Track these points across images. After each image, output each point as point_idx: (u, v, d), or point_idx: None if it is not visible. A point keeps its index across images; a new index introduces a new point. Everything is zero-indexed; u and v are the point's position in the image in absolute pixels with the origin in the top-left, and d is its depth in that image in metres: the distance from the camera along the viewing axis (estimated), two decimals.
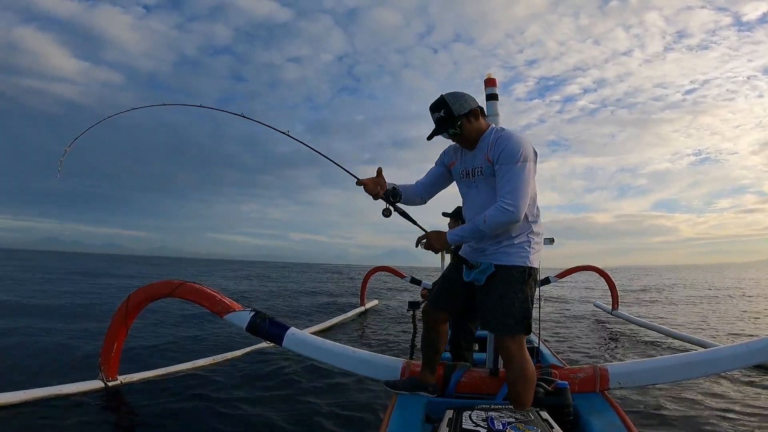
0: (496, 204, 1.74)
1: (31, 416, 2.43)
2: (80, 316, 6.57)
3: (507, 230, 1.83)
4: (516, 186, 1.72)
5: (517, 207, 1.71)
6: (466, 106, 1.86)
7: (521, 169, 1.74)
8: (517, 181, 1.73)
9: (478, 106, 1.90)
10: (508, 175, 1.75)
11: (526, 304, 1.84)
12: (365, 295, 8.75)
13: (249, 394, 3.02)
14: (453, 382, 2.25)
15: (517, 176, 1.73)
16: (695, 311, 9.48)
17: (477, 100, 1.92)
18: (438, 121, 1.88)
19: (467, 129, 1.87)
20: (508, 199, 1.71)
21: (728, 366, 2.33)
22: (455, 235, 1.84)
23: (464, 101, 1.87)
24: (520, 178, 1.73)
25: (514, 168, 1.74)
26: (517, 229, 1.85)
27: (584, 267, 8.55)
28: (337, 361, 2.54)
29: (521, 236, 1.85)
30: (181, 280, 2.85)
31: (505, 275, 1.83)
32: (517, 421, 1.47)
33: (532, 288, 1.87)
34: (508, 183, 1.74)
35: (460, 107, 1.85)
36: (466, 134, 1.88)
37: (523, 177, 1.74)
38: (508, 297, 1.82)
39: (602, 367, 2.25)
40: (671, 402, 3.03)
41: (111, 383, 2.86)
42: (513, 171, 1.74)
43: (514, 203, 1.70)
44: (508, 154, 1.75)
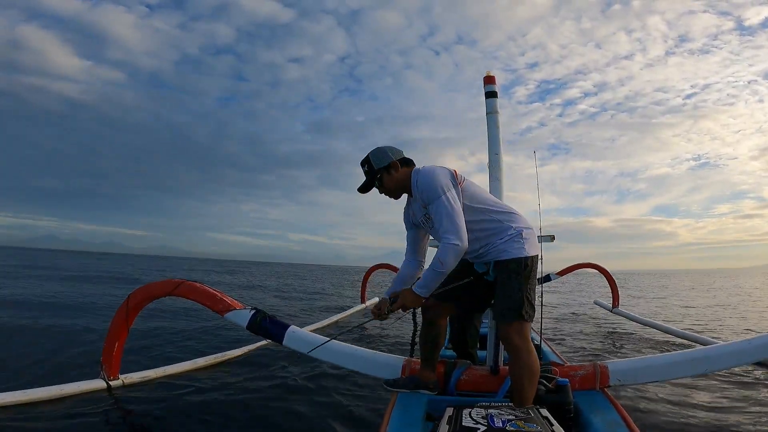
0: (440, 244, 1.88)
1: (33, 416, 2.43)
2: (80, 315, 6.58)
3: (491, 238, 1.95)
4: (445, 220, 1.85)
5: (458, 237, 1.84)
6: (386, 159, 2.00)
7: (442, 202, 1.87)
8: (444, 216, 1.86)
9: (401, 158, 2.03)
10: (436, 214, 1.89)
11: (521, 292, 1.90)
12: (366, 293, 8.76)
13: (250, 392, 3.02)
14: (453, 380, 2.25)
15: (442, 211, 1.86)
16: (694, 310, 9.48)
17: (401, 152, 2.06)
18: (365, 174, 2.05)
19: (386, 180, 2.02)
20: (447, 235, 1.84)
21: (729, 363, 2.32)
22: (422, 287, 1.94)
23: (384, 155, 2.02)
24: (446, 211, 1.86)
25: (437, 204, 1.88)
26: (500, 233, 1.95)
27: (585, 264, 8.55)
28: (337, 359, 2.54)
29: (507, 234, 1.95)
30: (181, 279, 2.85)
31: (504, 268, 1.95)
32: (517, 419, 1.47)
33: (528, 277, 1.94)
34: (439, 220, 1.88)
35: (380, 161, 2.01)
36: (387, 186, 2.03)
37: (447, 209, 1.86)
38: (506, 287, 1.93)
39: (602, 365, 2.25)
40: (671, 399, 3.03)
41: (112, 382, 2.87)
42: (438, 207, 1.88)
43: (452, 236, 1.83)
44: (428, 194, 1.91)
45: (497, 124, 2.67)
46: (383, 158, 2.01)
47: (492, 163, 2.60)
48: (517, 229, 1.95)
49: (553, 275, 7.92)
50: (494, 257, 1.98)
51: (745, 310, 9.92)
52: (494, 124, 2.67)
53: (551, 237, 4.85)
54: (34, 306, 7.33)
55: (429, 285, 1.93)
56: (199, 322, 6.02)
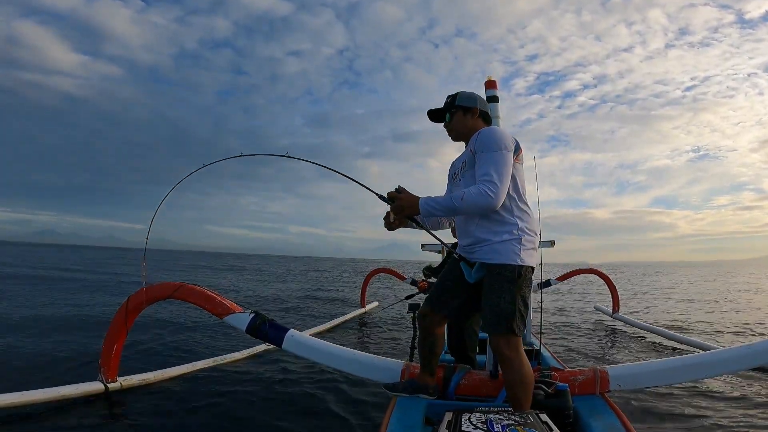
0: (476, 185, 1.74)
1: (31, 418, 2.43)
2: (80, 316, 6.57)
3: (492, 227, 1.81)
4: (495, 170, 1.72)
5: (497, 190, 1.70)
6: (470, 102, 1.96)
7: (500, 155, 1.75)
8: (496, 166, 1.73)
9: (484, 110, 1.98)
10: (487, 161, 1.75)
11: (512, 304, 1.76)
12: (365, 297, 8.75)
13: (248, 396, 3.02)
14: (453, 385, 2.24)
15: (496, 161, 1.74)
16: (694, 313, 9.46)
17: (487, 105, 2.00)
18: (444, 104, 2.00)
19: (456, 120, 1.97)
20: (487, 182, 1.71)
21: (729, 368, 2.32)
22: (429, 203, 1.77)
23: (471, 98, 1.97)
24: (500, 163, 1.73)
25: (492, 154, 1.75)
26: (503, 226, 1.81)
27: (585, 270, 8.55)
28: (336, 363, 2.53)
29: (509, 233, 1.80)
30: (180, 282, 2.85)
31: (494, 273, 1.80)
32: (517, 424, 1.46)
33: (522, 288, 1.79)
34: (487, 166, 1.74)
35: (464, 101, 1.96)
36: (454, 125, 1.98)
37: (502, 162, 1.74)
38: (495, 295, 1.78)
39: (602, 370, 2.24)
40: (671, 404, 3.02)
41: (111, 385, 2.86)
42: (492, 157, 1.75)
43: (492, 186, 1.70)
44: (487, 142, 1.79)
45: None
46: (469, 101, 1.95)
47: None
48: (518, 233, 1.80)
49: (552, 280, 7.92)
50: (484, 257, 1.83)
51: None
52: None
53: (551, 242, 4.86)
54: (33, 306, 7.31)
55: (435, 206, 1.76)
56: (198, 325, 6.01)
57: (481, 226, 1.86)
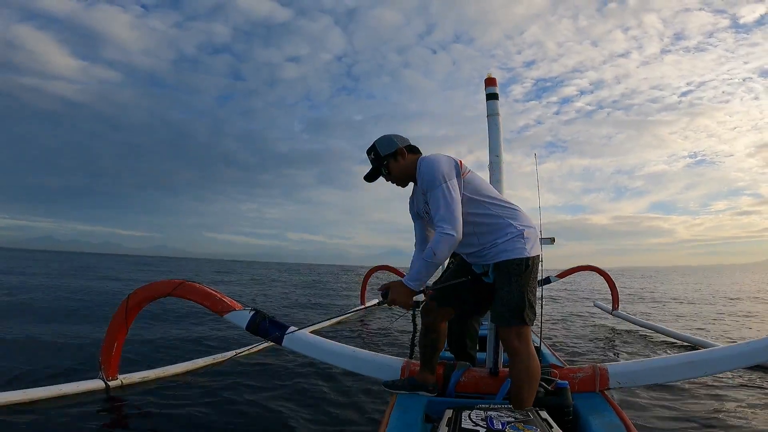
0: (434, 234, 1.82)
1: (31, 416, 2.43)
2: (80, 315, 6.58)
3: (492, 236, 1.89)
4: (442, 208, 1.80)
5: (453, 227, 1.77)
6: (392, 146, 1.98)
7: (441, 191, 1.81)
8: (441, 204, 1.80)
9: (407, 145, 2.01)
10: (433, 202, 1.84)
11: (522, 295, 1.84)
12: (365, 295, 8.76)
13: (248, 394, 3.02)
14: (453, 382, 2.25)
15: (440, 199, 1.81)
16: (693, 312, 9.48)
17: (407, 140, 2.03)
18: (371, 162, 2.03)
19: (393, 167, 1.99)
20: (442, 224, 1.79)
21: (728, 366, 2.32)
22: (414, 279, 1.88)
23: (390, 142, 2.00)
24: (445, 200, 1.80)
25: (434, 192, 1.82)
26: (501, 229, 1.89)
27: (585, 267, 8.55)
28: (336, 361, 2.54)
29: (509, 233, 1.88)
30: (181, 280, 2.85)
31: (504, 269, 1.89)
32: (517, 421, 1.47)
33: (530, 277, 1.88)
34: (436, 209, 1.82)
35: (386, 148, 1.98)
36: (394, 173, 2.00)
37: (446, 198, 1.80)
38: (505, 289, 1.87)
39: (602, 367, 2.24)
40: (670, 402, 3.03)
41: (111, 383, 2.87)
42: (435, 196, 1.82)
43: (447, 225, 1.77)
44: (428, 181, 1.86)
45: (498, 126, 2.66)
46: (390, 145, 1.98)
47: (493, 165, 2.59)
48: (518, 228, 1.89)
49: (552, 277, 7.92)
50: (494, 258, 1.91)
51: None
52: (495, 126, 2.66)
53: (551, 239, 4.84)
54: (33, 306, 7.33)
55: (421, 277, 1.87)
56: (198, 323, 6.02)
57: (481, 233, 1.93)
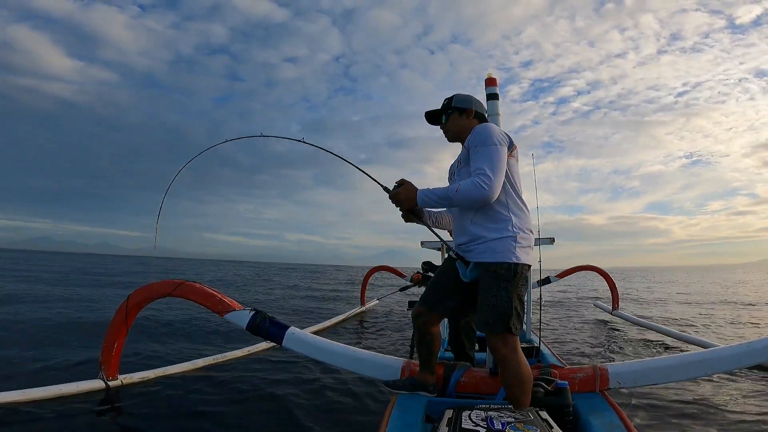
0: (470, 178, 1.76)
1: (31, 416, 2.43)
2: (79, 315, 6.58)
3: (487, 224, 1.82)
4: (488, 163, 1.74)
5: (490, 183, 1.71)
6: (465, 103, 1.99)
7: (493, 150, 1.77)
8: (489, 159, 1.75)
9: (480, 111, 2.00)
10: (480, 155, 1.78)
11: (509, 303, 1.76)
12: (365, 295, 8.76)
13: (249, 394, 3.02)
14: (453, 382, 2.25)
15: (489, 155, 1.76)
16: (694, 312, 9.48)
17: (484, 108, 2.04)
18: (441, 106, 2.04)
19: (452, 121, 2.00)
20: (481, 175, 1.73)
21: (728, 366, 2.32)
22: (425, 192, 1.82)
23: (467, 100, 2.01)
24: (493, 157, 1.76)
25: (485, 149, 1.78)
26: (498, 222, 1.82)
27: (585, 267, 8.56)
28: (337, 361, 2.54)
29: (504, 230, 1.80)
30: (181, 280, 2.85)
31: (490, 272, 1.79)
32: (517, 421, 1.47)
33: (519, 286, 1.79)
34: (481, 161, 1.76)
35: (460, 102, 2.00)
36: (450, 126, 2.01)
37: (496, 156, 1.76)
38: (491, 294, 1.78)
39: (602, 367, 2.24)
40: (670, 402, 3.03)
41: (111, 383, 2.86)
42: (485, 151, 1.77)
43: (486, 178, 1.71)
44: (480, 137, 1.81)
45: (499, 125, 2.66)
46: (465, 102, 2.00)
47: None
48: (514, 231, 1.80)
49: (552, 277, 7.93)
50: (479, 256, 1.82)
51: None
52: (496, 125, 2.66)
53: (551, 240, 4.84)
54: (32, 305, 7.33)
55: (433, 196, 1.80)
56: (199, 323, 6.02)
57: (476, 223, 1.86)
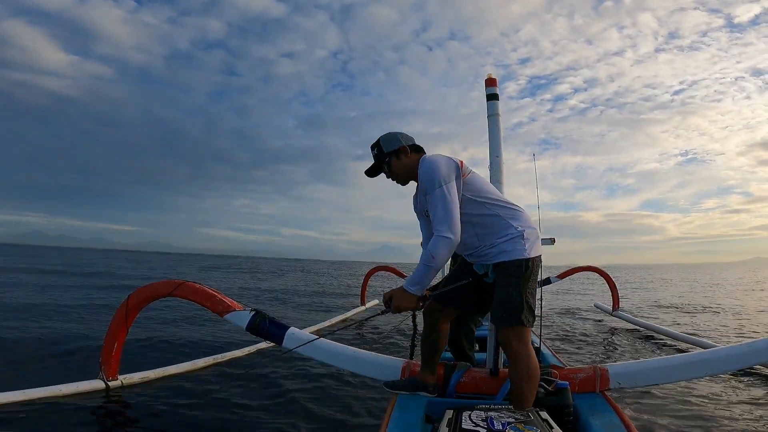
0: (433, 236, 1.81)
1: (31, 416, 2.43)
2: (79, 314, 6.58)
3: (490, 234, 1.89)
4: (440, 211, 1.80)
5: (450, 229, 1.78)
6: (395, 144, 1.99)
7: (440, 194, 1.81)
8: (439, 208, 1.80)
9: (411, 144, 2.01)
10: (432, 205, 1.84)
11: (520, 297, 1.83)
12: (366, 295, 8.76)
13: (249, 394, 3.02)
14: (453, 382, 2.25)
15: (438, 202, 1.81)
16: (694, 312, 9.48)
17: (413, 138, 2.04)
18: (374, 158, 2.04)
19: (394, 165, 2.00)
20: (439, 227, 1.78)
21: (729, 366, 2.32)
22: (414, 284, 1.87)
23: (394, 139, 2.00)
24: (442, 203, 1.80)
25: (434, 195, 1.82)
26: (501, 230, 1.88)
27: (585, 267, 8.57)
28: (337, 361, 2.54)
29: (509, 233, 1.88)
30: (181, 280, 2.85)
31: (502, 270, 1.89)
32: (517, 421, 1.47)
33: (530, 279, 1.87)
34: (434, 212, 1.82)
35: (389, 145, 1.99)
36: (394, 170, 2.01)
37: (444, 201, 1.80)
38: (504, 291, 1.86)
39: (602, 368, 2.24)
40: (671, 402, 3.03)
41: (111, 383, 2.86)
42: (434, 199, 1.82)
43: (445, 228, 1.77)
44: (427, 183, 1.86)
45: (499, 126, 2.66)
46: (393, 142, 1.99)
47: (493, 166, 2.59)
48: (519, 229, 1.88)
49: (553, 278, 7.93)
50: (494, 258, 1.91)
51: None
52: (496, 126, 2.66)
53: (551, 240, 4.84)
54: (32, 305, 7.32)
55: (421, 281, 1.86)
56: (198, 323, 6.02)
57: (481, 234, 1.92)
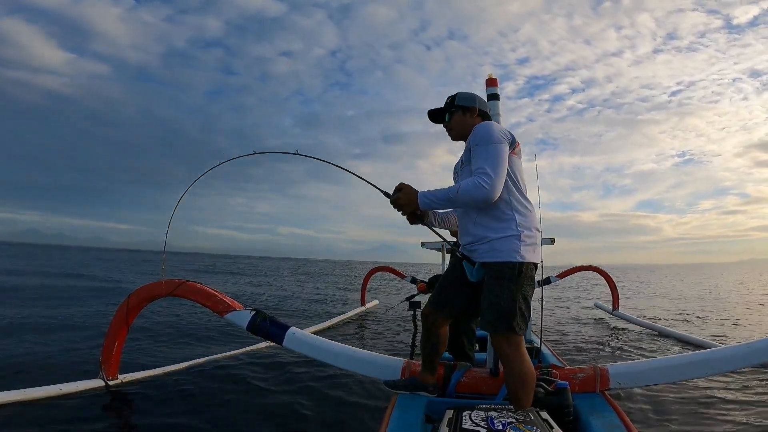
0: (471, 178, 1.74)
1: (32, 416, 2.43)
2: (79, 314, 6.58)
3: (490, 224, 1.81)
4: (489, 162, 1.73)
5: (491, 182, 1.69)
6: (469, 102, 1.98)
7: (494, 148, 1.75)
8: (490, 158, 1.74)
9: (483, 110, 2.00)
10: (481, 154, 1.76)
11: (513, 302, 1.74)
12: (365, 295, 8.76)
13: (249, 393, 3.02)
14: (453, 382, 2.25)
15: (490, 154, 1.75)
16: (695, 313, 9.48)
17: (487, 106, 2.03)
18: (445, 105, 2.03)
19: (455, 119, 2.00)
20: (483, 175, 1.71)
21: (729, 366, 2.32)
22: (426, 195, 1.80)
23: (470, 98, 2.00)
24: (494, 155, 1.74)
25: (487, 147, 1.76)
26: (501, 222, 1.80)
27: (585, 267, 8.57)
28: (337, 361, 2.54)
29: (508, 229, 1.79)
30: (181, 279, 2.86)
31: (495, 272, 1.79)
32: (517, 421, 1.47)
33: (523, 286, 1.78)
34: (482, 160, 1.75)
35: (463, 100, 1.99)
36: (453, 124, 2.01)
37: (496, 154, 1.74)
38: (494, 294, 1.77)
39: (602, 367, 2.25)
40: (671, 402, 3.02)
41: (112, 382, 2.87)
42: (486, 150, 1.76)
43: (487, 177, 1.70)
44: (481, 136, 1.80)
45: None
46: (468, 100, 1.99)
47: None
48: (518, 229, 1.78)
49: (553, 278, 7.92)
50: (483, 256, 1.82)
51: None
52: (498, 123, 2.66)
53: (551, 240, 4.87)
54: (32, 304, 7.32)
55: (435, 198, 1.78)
56: (199, 323, 6.02)
57: (479, 223, 1.85)
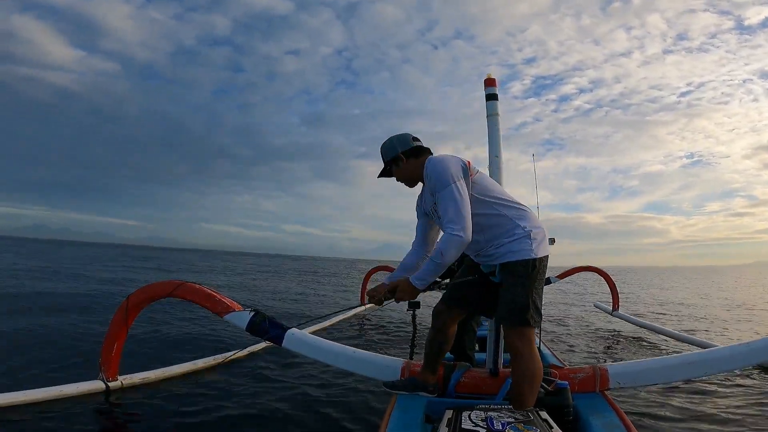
0: (443, 234, 1.85)
1: (31, 417, 2.43)
2: (79, 314, 6.57)
3: (498, 235, 1.89)
4: (451, 209, 1.81)
5: (462, 228, 1.79)
6: (392, 152, 2.02)
7: (449, 192, 1.83)
8: (450, 205, 1.82)
9: (407, 147, 2.01)
10: (442, 203, 1.85)
11: (527, 297, 1.83)
12: (365, 295, 8.75)
13: (248, 394, 3.02)
14: (453, 382, 2.25)
15: (449, 201, 1.82)
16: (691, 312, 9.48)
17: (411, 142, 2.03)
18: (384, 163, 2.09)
19: (397, 174, 2.05)
20: (451, 225, 1.80)
21: (728, 366, 2.33)
22: (420, 279, 1.91)
23: (390, 148, 2.04)
24: (453, 201, 1.82)
25: (444, 194, 1.84)
26: (508, 231, 1.89)
27: (585, 268, 8.57)
28: (336, 362, 2.54)
29: (515, 233, 1.88)
30: (181, 280, 2.85)
31: (511, 270, 1.88)
32: (517, 421, 1.47)
33: (537, 279, 1.87)
34: (445, 209, 1.84)
35: (387, 154, 2.04)
36: (398, 177, 2.06)
37: (455, 199, 1.82)
38: (510, 291, 1.87)
39: (602, 367, 2.25)
40: (670, 402, 3.03)
41: (111, 384, 2.86)
42: (444, 197, 1.84)
43: (456, 226, 1.79)
44: (436, 182, 1.87)
45: (498, 126, 2.66)
46: (390, 151, 2.03)
47: (492, 166, 2.59)
48: (526, 229, 1.88)
49: (553, 278, 7.92)
50: (501, 258, 1.91)
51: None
52: (495, 126, 2.66)
53: (552, 240, 4.85)
54: (31, 304, 7.31)
55: (427, 277, 1.89)
56: (198, 324, 6.01)
57: (487, 235, 1.92)
